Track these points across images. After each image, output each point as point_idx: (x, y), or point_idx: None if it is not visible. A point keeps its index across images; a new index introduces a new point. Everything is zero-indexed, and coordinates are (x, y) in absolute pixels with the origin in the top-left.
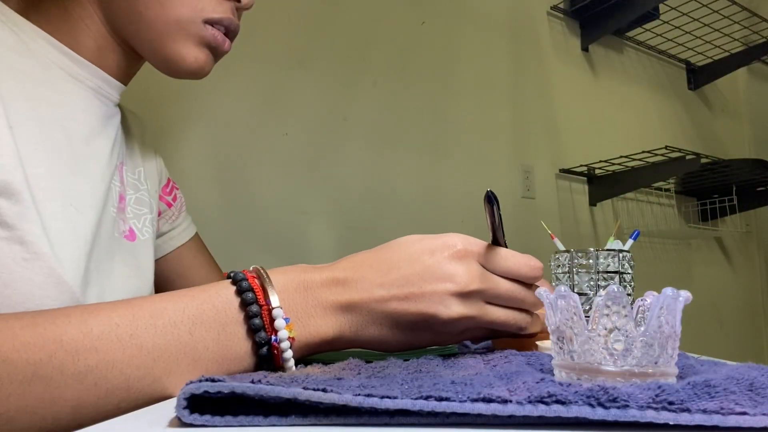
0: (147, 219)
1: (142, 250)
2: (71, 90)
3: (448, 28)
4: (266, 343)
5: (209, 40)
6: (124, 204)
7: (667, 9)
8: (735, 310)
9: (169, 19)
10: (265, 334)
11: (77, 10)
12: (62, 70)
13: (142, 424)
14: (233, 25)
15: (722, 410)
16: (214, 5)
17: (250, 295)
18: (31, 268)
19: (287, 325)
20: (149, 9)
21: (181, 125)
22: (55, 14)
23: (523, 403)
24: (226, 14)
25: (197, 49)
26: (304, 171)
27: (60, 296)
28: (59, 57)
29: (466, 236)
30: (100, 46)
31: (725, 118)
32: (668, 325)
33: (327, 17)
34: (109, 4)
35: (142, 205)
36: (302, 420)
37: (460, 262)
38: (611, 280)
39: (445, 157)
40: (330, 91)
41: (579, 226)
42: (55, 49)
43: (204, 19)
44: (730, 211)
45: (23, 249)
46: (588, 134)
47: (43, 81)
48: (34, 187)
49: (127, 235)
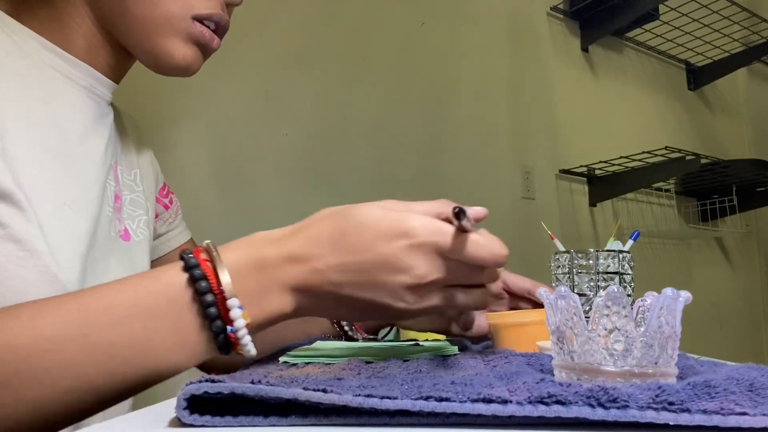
0: (142, 221)
1: (137, 251)
2: (64, 89)
3: (448, 28)
4: (222, 332)
5: (198, 37)
6: (119, 204)
7: (667, 9)
8: (735, 310)
9: (158, 15)
10: (221, 323)
11: (67, 9)
12: (54, 69)
13: (142, 424)
14: (223, 21)
15: (722, 410)
16: (203, 1)
17: (203, 284)
18: (25, 266)
19: (242, 313)
20: (138, 5)
21: (180, 125)
22: (46, 14)
23: (523, 403)
24: (215, 10)
25: (186, 45)
26: (304, 171)
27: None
28: (51, 57)
29: (428, 220)
30: (91, 45)
31: (725, 118)
32: (668, 326)
33: (327, 17)
34: (99, 3)
35: (138, 207)
36: (302, 420)
37: (418, 253)
38: (611, 280)
39: (445, 157)
40: (330, 91)
41: (579, 227)
42: (47, 49)
43: (193, 16)
44: (730, 212)
45: (17, 247)
46: (588, 135)
47: (37, 81)
48: (27, 187)
49: (122, 234)
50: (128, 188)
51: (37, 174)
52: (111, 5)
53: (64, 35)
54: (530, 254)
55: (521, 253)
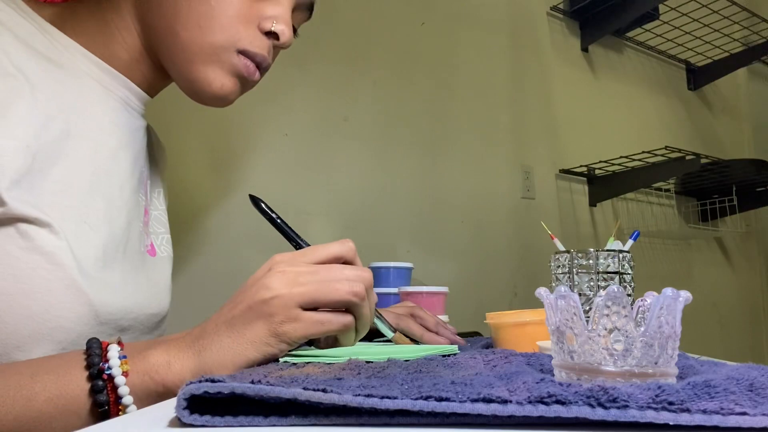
0: (164, 238)
1: (162, 268)
2: (102, 100)
3: (448, 28)
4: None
5: (240, 70)
6: (147, 218)
7: (667, 9)
8: (735, 310)
9: (204, 43)
10: (99, 359)
11: (116, 22)
12: (94, 80)
13: (142, 424)
14: (266, 63)
15: (722, 410)
16: (252, 39)
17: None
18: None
19: (122, 361)
20: (186, 30)
21: (180, 125)
22: (93, 26)
23: (523, 403)
24: (261, 51)
25: (226, 76)
26: (304, 171)
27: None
28: (91, 67)
29: (286, 253)
30: (132, 59)
31: (725, 118)
32: (668, 326)
33: (327, 17)
34: (148, 21)
35: (160, 224)
36: (302, 420)
37: (272, 274)
38: (611, 280)
39: (445, 157)
40: (330, 91)
41: (579, 227)
42: (88, 59)
43: (238, 49)
44: (730, 212)
45: (44, 259)
46: (588, 134)
47: (76, 91)
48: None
49: (149, 249)
50: (153, 205)
51: (60, 190)
52: (160, 24)
53: (108, 47)
54: (530, 254)
55: (521, 253)
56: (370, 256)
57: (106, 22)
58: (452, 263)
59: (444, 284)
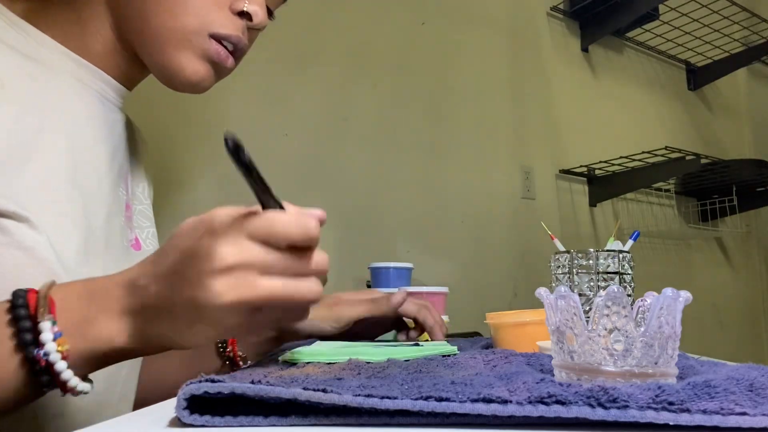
0: (150, 232)
1: None
2: (78, 94)
3: (448, 28)
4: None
5: (212, 55)
6: (130, 213)
7: (667, 9)
8: (735, 310)
9: (175, 28)
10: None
11: (89, 13)
12: (68, 74)
13: (142, 424)
14: (241, 44)
15: (722, 410)
16: (224, 21)
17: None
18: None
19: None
20: (157, 16)
21: (180, 125)
22: (66, 19)
23: (523, 403)
24: (234, 32)
25: (198, 61)
26: (304, 171)
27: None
28: (66, 61)
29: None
30: (107, 51)
31: (725, 118)
32: (668, 326)
33: (327, 17)
34: (121, 9)
35: (146, 219)
36: (302, 420)
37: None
38: (611, 280)
39: (445, 157)
40: (330, 92)
41: (579, 227)
42: (62, 53)
43: (210, 33)
44: (730, 212)
45: (25, 254)
46: (588, 135)
47: (50, 85)
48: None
49: (133, 244)
50: (137, 200)
51: (36, 185)
52: (132, 13)
53: (82, 40)
54: (530, 254)
55: (521, 253)
56: (370, 256)
57: (78, 14)
58: (452, 263)
59: (444, 284)
